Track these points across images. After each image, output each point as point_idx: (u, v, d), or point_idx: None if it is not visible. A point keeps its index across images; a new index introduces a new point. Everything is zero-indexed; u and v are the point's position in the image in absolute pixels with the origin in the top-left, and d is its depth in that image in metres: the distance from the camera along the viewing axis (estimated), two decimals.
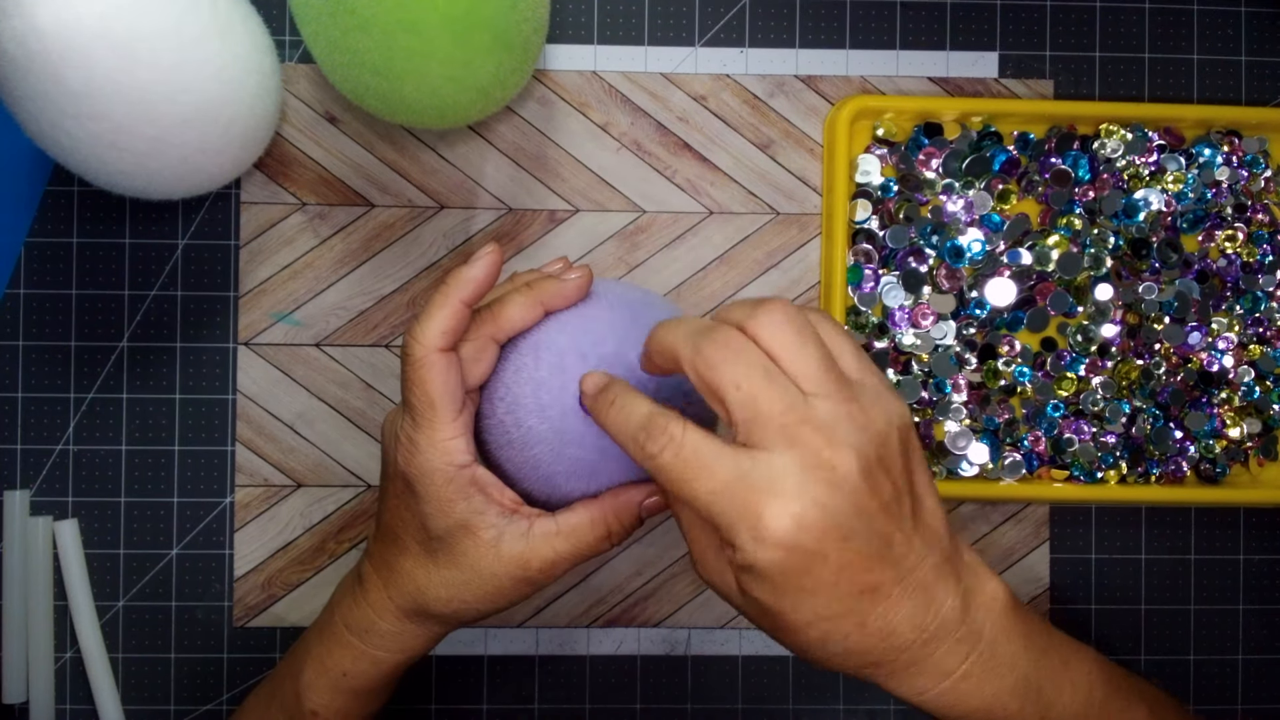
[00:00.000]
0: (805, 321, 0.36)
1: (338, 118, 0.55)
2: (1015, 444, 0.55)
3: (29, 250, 0.55)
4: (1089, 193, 0.55)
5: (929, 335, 0.55)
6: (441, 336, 0.39)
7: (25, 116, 0.43)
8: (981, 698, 0.37)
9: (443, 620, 0.43)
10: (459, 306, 0.40)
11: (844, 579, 0.34)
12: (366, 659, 0.44)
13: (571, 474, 0.42)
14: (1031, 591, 0.56)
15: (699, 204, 0.56)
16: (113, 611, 0.55)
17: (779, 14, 0.56)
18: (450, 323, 0.39)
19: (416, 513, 0.41)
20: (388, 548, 0.43)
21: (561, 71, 0.56)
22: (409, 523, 0.42)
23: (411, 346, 0.39)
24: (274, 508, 0.55)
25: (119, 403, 0.55)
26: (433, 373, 0.39)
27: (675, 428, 0.35)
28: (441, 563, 0.41)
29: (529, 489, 0.43)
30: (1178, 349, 0.56)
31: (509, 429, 0.42)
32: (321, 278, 0.55)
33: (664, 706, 0.56)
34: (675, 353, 0.36)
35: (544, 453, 0.41)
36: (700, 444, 0.34)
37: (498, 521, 0.40)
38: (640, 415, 0.36)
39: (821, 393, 0.34)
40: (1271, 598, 0.57)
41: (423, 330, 0.39)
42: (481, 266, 0.40)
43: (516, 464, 0.42)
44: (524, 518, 0.41)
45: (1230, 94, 0.57)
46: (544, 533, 0.41)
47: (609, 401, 0.37)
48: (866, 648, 0.36)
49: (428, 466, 0.40)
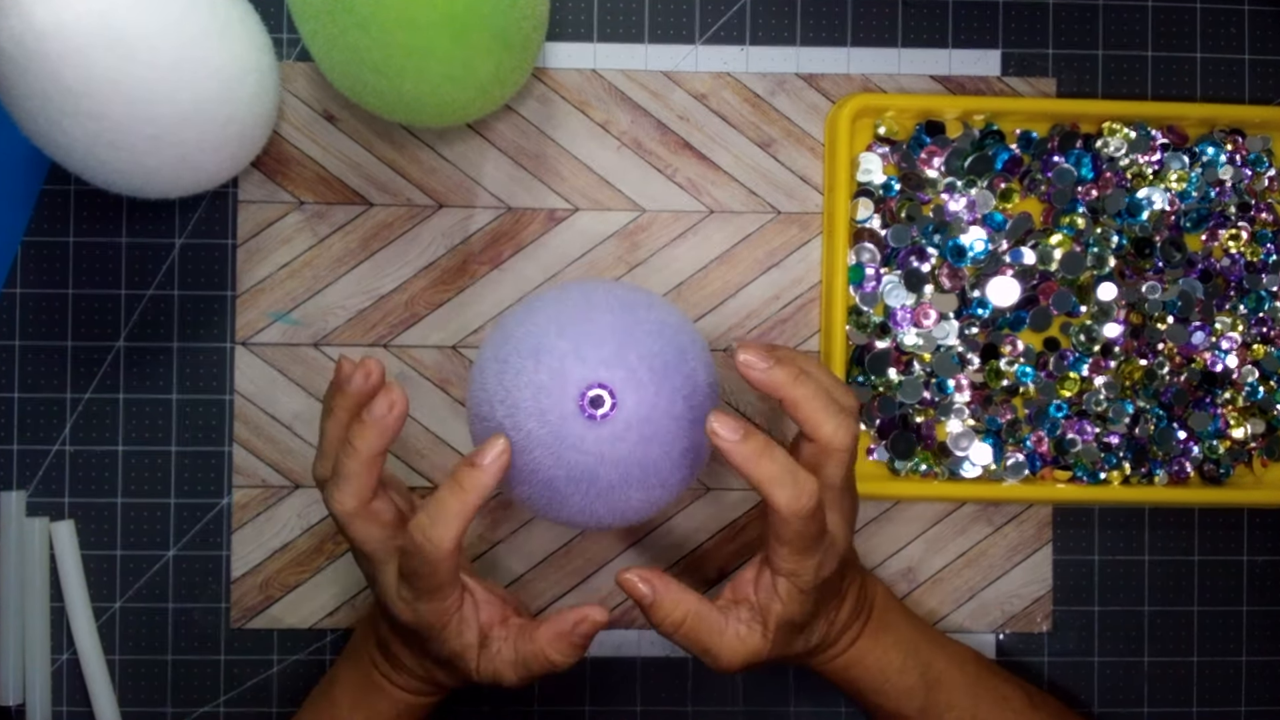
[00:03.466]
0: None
1: (336, 116, 0.55)
2: (1018, 444, 0.55)
3: (25, 249, 0.54)
4: (1092, 192, 0.55)
5: (931, 335, 0.55)
6: (459, 533, 0.41)
7: (22, 115, 0.43)
8: (873, 654, 0.48)
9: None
10: (476, 503, 0.41)
11: (833, 587, 0.46)
12: (405, 702, 0.48)
13: (571, 477, 0.41)
14: (1035, 593, 0.56)
15: (699, 203, 0.55)
16: (110, 613, 0.54)
17: (780, 11, 0.56)
18: (468, 518, 0.41)
19: (421, 643, 0.45)
20: (402, 647, 0.47)
21: (561, 70, 0.55)
22: (416, 647, 0.46)
23: (430, 551, 0.41)
24: (271, 508, 0.55)
25: (116, 403, 0.54)
26: (451, 565, 0.42)
27: (818, 493, 0.41)
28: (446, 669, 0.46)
29: (527, 494, 0.43)
30: (1181, 349, 0.55)
31: (508, 433, 0.41)
32: (319, 277, 0.55)
33: (664, 708, 0.55)
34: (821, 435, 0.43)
35: (544, 456, 0.41)
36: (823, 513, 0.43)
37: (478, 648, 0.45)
38: (794, 474, 0.41)
39: None
40: (1275, 599, 0.57)
41: (444, 531, 0.41)
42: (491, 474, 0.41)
43: (516, 468, 0.42)
44: (497, 640, 0.45)
45: (1234, 92, 0.57)
46: (508, 660, 0.44)
47: (758, 451, 0.41)
48: (816, 643, 0.46)
49: (430, 623, 0.43)
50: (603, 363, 0.41)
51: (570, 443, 0.41)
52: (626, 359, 0.41)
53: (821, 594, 0.44)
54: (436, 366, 0.55)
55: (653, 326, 0.43)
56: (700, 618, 0.43)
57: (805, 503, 0.41)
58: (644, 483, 0.42)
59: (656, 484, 0.43)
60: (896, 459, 0.55)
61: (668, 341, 0.42)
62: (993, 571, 0.56)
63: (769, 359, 0.42)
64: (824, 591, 0.44)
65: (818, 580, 0.43)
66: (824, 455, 0.43)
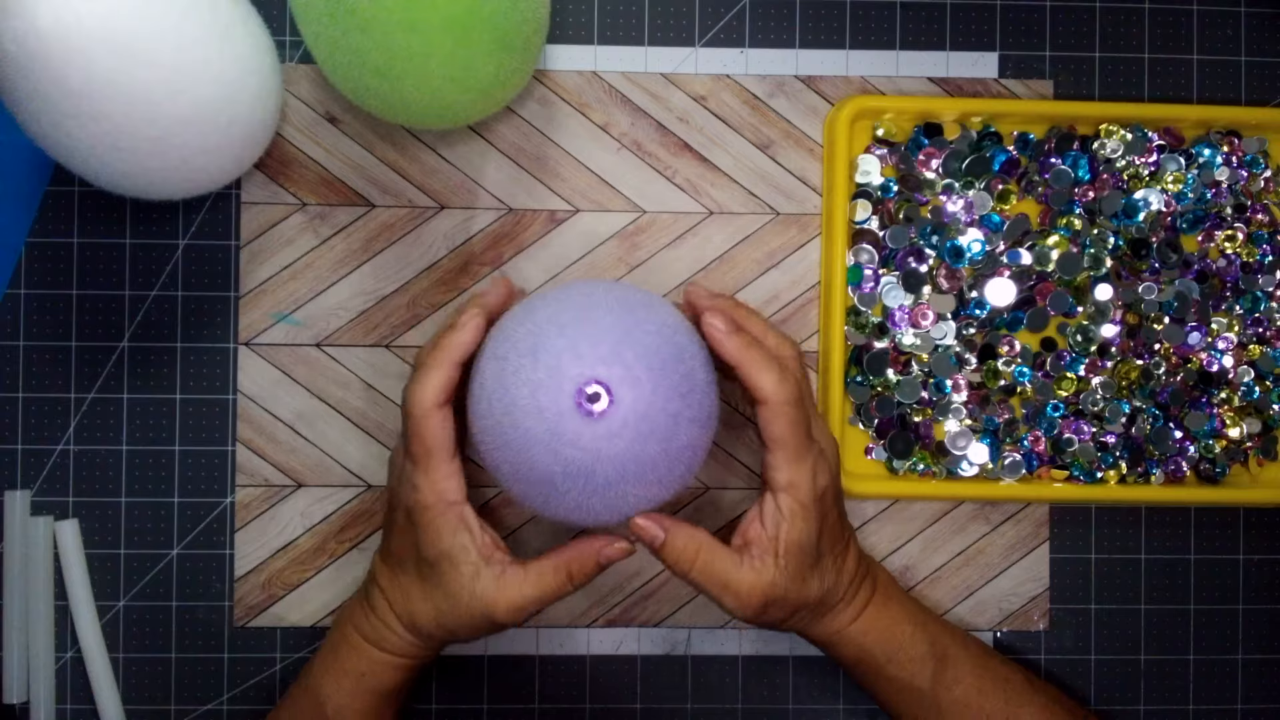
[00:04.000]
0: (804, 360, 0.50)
1: (338, 118, 0.55)
2: (1015, 444, 0.55)
3: (30, 250, 0.55)
4: (1089, 193, 0.55)
5: (929, 335, 0.55)
6: (437, 394, 0.44)
7: (26, 117, 0.43)
8: (886, 620, 0.50)
9: (434, 638, 0.48)
10: (451, 367, 0.45)
11: (837, 524, 0.48)
12: (380, 661, 0.48)
13: (568, 474, 0.42)
14: (1032, 591, 0.56)
15: (699, 204, 0.56)
16: (113, 611, 0.55)
17: (779, 14, 0.56)
18: (444, 383, 0.45)
19: (414, 540, 0.46)
20: (393, 569, 0.48)
21: (562, 72, 0.56)
22: (409, 549, 0.47)
23: (411, 405, 0.44)
24: (274, 508, 0.55)
25: (120, 403, 0.55)
26: (431, 426, 0.44)
27: (792, 364, 0.47)
28: (430, 587, 0.46)
29: (525, 491, 0.43)
30: (1177, 349, 0.56)
31: (506, 430, 0.42)
32: (322, 278, 0.55)
33: (664, 706, 0.56)
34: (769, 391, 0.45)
35: (541, 453, 0.41)
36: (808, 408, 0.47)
37: (476, 560, 0.45)
38: (779, 364, 0.45)
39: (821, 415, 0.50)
40: (1271, 598, 0.57)
41: (421, 391, 0.44)
42: (469, 331, 0.45)
43: (514, 465, 0.42)
44: (498, 563, 0.45)
45: (1230, 94, 0.57)
46: (514, 580, 0.45)
47: (747, 342, 0.45)
48: (828, 588, 0.48)
49: (425, 501, 0.45)
50: (600, 360, 0.41)
51: (567, 439, 0.41)
52: (623, 357, 0.41)
53: (823, 516, 0.46)
54: None
55: (652, 326, 0.43)
56: (713, 551, 0.45)
57: (790, 387, 0.44)
58: (641, 479, 0.42)
59: (654, 480, 0.43)
60: (894, 458, 0.55)
61: (665, 340, 0.43)
62: (990, 570, 0.56)
63: (730, 325, 0.45)
64: (825, 515, 0.46)
65: (816, 490, 0.45)
66: (772, 413, 0.45)
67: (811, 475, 0.45)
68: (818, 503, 0.46)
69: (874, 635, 0.49)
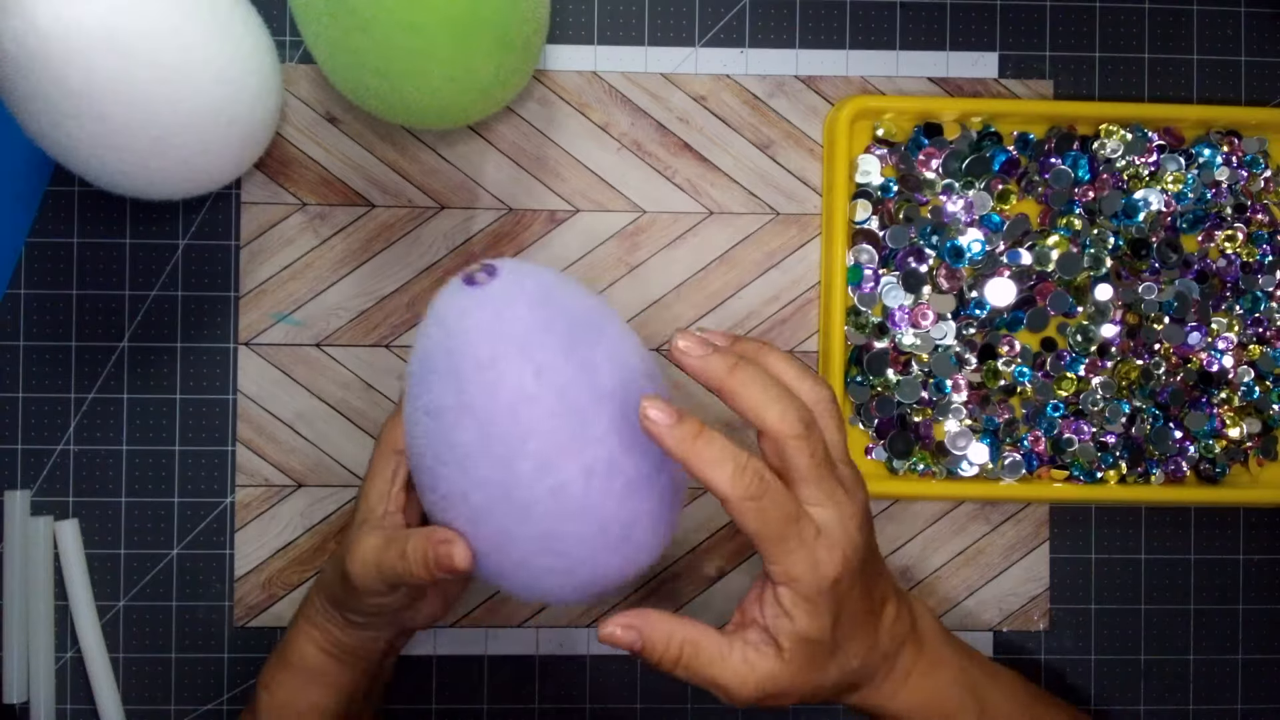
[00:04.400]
0: (838, 408, 0.43)
1: (338, 118, 0.55)
2: (1015, 444, 0.55)
3: (30, 250, 0.55)
4: (1089, 193, 0.55)
5: (929, 335, 0.55)
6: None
7: (26, 117, 0.43)
8: (933, 688, 0.44)
9: (331, 597, 0.46)
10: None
11: (860, 601, 0.41)
12: (303, 635, 0.47)
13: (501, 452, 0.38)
14: (1031, 591, 0.56)
15: (699, 204, 0.56)
16: (113, 611, 0.55)
17: (779, 14, 0.56)
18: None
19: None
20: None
21: (562, 72, 0.56)
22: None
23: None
24: (274, 508, 0.55)
25: (120, 403, 0.55)
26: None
27: (768, 473, 0.38)
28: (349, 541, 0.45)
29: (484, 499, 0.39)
30: (1177, 349, 0.56)
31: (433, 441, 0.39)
32: (322, 278, 0.55)
33: (664, 706, 0.56)
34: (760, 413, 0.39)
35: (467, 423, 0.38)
36: (784, 493, 0.38)
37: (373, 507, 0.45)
38: (735, 453, 0.38)
39: (843, 460, 0.42)
40: (1271, 598, 0.57)
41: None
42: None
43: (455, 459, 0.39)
44: (386, 521, 0.44)
45: (1230, 94, 0.57)
46: (375, 538, 0.43)
47: (694, 433, 0.37)
48: (855, 668, 0.41)
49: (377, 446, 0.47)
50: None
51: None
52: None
53: (838, 603, 0.39)
54: None
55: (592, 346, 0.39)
56: (697, 647, 0.39)
57: (749, 483, 0.37)
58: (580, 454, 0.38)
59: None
60: (894, 458, 0.55)
61: None
62: (990, 570, 0.56)
63: (706, 347, 0.39)
64: (841, 600, 0.39)
65: (820, 582, 0.38)
66: (780, 446, 0.38)
67: (812, 563, 0.38)
68: (828, 593, 0.38)
69: (919, 711, 0.44)
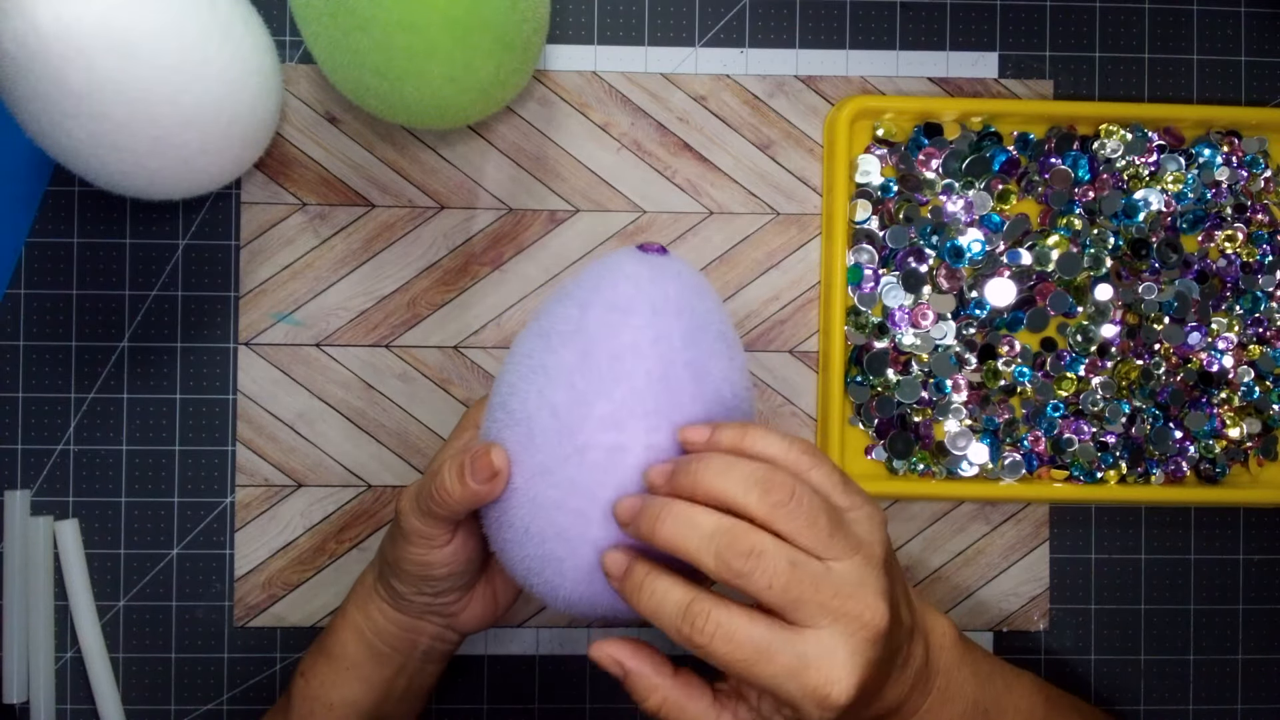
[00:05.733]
0: (807, 492, 0.36)
1: (338, 118, 0.55)
2: (1015, 444, 0.55)
3: (30, 250, 0.55)
4: (1089, 193, 0.55)
5: (929, 335, 0.55)
6: None
7: (26, 116, 0.43)
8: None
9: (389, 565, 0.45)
10: None
11: (874, 689, 0.37)
12: (347, 622, 0.47)
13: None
14: (1031, 591, 0.56)
15: (699, 204, 0.56)
16: (113, 611, 0.55)
17: (779, 14, 0.56)
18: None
19: None
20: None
21: (562, 72, 0.56)
22: None
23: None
24: (274, 508, 0.55)
25: (119, 403, 0.55)
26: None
27: (719, 613, 0.35)
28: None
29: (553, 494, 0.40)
30: (1177, 349, 0.56)
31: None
32: (322, 278, 0.55)
33: None
34: (696, 560, 0.36)
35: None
36: (749, 628, 0.35)
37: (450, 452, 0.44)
38: (676, 602, 0.36)
39: (834, 556, 0.36)
40: (1271, 598, 0.57)
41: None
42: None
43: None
44: None
45: (1230, 94, 0.57)
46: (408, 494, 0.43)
47: (637, 586, 0.37)
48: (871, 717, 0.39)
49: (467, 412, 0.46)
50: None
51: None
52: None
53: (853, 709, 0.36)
54: (438, 367, 0.55)
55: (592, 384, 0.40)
56: (679, 709, 0.37)
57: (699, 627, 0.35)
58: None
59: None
60: (894, 458, 0.55)
61: None
62: (990, 570, 0.56)
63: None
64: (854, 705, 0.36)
65: (824, 708, 0.35)
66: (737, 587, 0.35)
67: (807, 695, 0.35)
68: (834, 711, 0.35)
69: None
